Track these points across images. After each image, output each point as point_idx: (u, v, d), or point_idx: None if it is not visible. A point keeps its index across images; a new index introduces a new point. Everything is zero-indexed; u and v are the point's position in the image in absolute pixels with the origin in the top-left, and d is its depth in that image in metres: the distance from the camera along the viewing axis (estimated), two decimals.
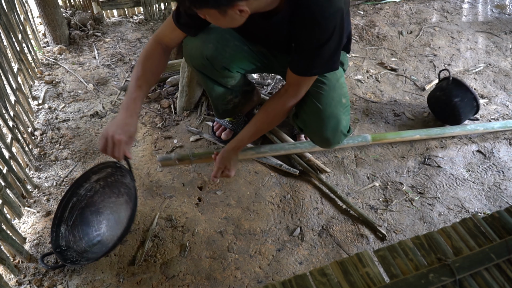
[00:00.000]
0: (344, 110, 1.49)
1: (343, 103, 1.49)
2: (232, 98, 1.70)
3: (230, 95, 1.68)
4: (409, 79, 2.38)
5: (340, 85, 1.50)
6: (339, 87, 1.49)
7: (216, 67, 1.47)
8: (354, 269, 0.85)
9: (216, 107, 1.77)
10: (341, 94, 1.49)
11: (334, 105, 1.45)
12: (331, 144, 1.55)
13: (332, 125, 1.47)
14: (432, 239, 0.90)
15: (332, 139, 1.52)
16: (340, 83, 1.51)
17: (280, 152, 1.76)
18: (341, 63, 1.60)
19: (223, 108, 1.74)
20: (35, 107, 2.01)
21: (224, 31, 1.46)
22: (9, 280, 1.37)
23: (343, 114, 1.49)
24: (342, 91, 1.50)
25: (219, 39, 1.43)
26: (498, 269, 0.86)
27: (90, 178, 1.53)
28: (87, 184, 1.53)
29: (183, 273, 1.43)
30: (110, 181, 1.54)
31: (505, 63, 2.55)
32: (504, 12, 3.10)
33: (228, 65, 1.48)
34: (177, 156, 1.63)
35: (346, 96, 1.52)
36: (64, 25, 2.39)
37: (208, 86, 1.62)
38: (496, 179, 1.83)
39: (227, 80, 1.57)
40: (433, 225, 1.64)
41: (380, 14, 2.94)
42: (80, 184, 1.51)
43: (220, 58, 1.45)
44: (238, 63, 1.51)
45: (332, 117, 1.45)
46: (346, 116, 1.51)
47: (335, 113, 1.45)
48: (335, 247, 1.55)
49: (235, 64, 1.50)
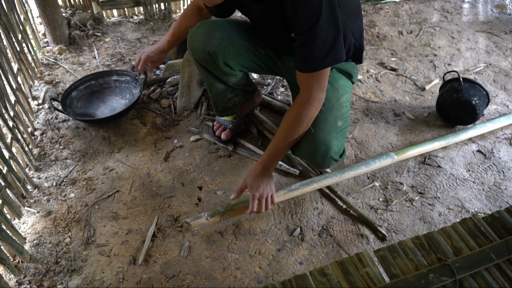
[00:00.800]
0: (337, 135, 1.46)
1: (337, 126, 1.46)
2: (232, 96, 1.69)
3: (231, 93, 1.68)
4: (409, 79, 2.38)
5: (339, 105, 1.47)
6: (337, 108, 1.46)
7: (218, 63, 1.47)
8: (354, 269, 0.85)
9: (215, 104, 1.77)
10: (337, 116, 1.46)
11: (327, 130, 1.43)
12: (322, 167, 1.56)
13: (322, 151, 1.45)
14: (432, 239, 0.90)
15: (321, 164, 1.51)
16: (340, 103, 1.48)
17: (312, 186, 1.65)
18: (349, 75, 1.58)
19: (223, 105, 1.74)
20: (35, 107, 2.01)
21: (232, 29, 1.46)
22: (9, 280, 1.37)
23: (335, 140, 1.46)
24: (340, 112, 1.47)
25: (224, 37, 1.43)
26: (498, 269, 0.86)
27: (111, 75, 2.06)
28: (107, 78, 2.05)
29: (183, 273, 1.43)
30: (123, 86, 2.06)
31: (505, 63, 2.55)
32: (504, 12, 3.10)
33: (230, 62, 1.48)
34: (208, 214, 1.51)
35: (343, 117, 1.48)
36: (64, 25, 2.39)
37: (209, 81, 1.62)
38: (496, 179, 1.83)
39: (229, 77, 1.57)
40: (433, 225, 1.64)
41: (380, 14, 2.94)
42: (102, 75, 2.05)
43: (223, 54, 1.45)
44: (242, 62, 1.51)
45: (322, 143, 1.43)
46: (339, 141, 1.48)
47: (326, 139, 1.43)
48: (335, 247, 1.55)
49: (238, 63, 1.50)
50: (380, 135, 2.01)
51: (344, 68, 1.56)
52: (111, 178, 1.72)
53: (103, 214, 1.59)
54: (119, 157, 1.81)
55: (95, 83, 2.03)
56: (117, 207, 1.62)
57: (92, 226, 1.55)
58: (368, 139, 1.98)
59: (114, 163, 1.78)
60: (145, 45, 2.49)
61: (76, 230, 1.53)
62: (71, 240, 1.50)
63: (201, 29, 1.48)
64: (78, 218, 1.57)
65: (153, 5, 2.64)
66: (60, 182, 1.69)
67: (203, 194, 1.69)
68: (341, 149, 1.52)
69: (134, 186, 1.70)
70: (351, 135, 1.98)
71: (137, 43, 2.50)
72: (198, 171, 1.77)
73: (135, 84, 2.04)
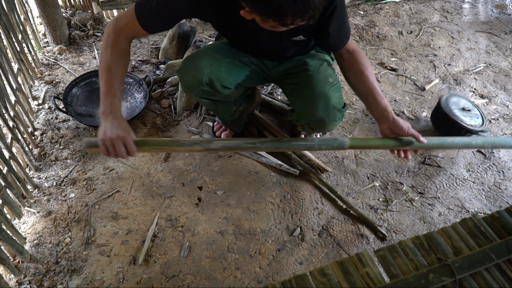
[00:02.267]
0: (332, 88, 1.46)
1: (330, 82, 1.47)
2: (236, 108, 1.70)
3: (234, 106, 1.69)
4: (409, 79, 2.38)
5: (324, 68, 1.49)
6: (323, 69, 1.48)
7: (216, 89, 1.47)
8: (354, 269, 0.85)
9: (224, 121, 1.79)
10: (326, 75, 1.47)
11: (320, 85, 1.44)
12: (327, 123, 1.49)
13: (323, 104, 1.44)
14: (432, 239, 0.90)
15: (326, 118, 1.47)
16: (325, 66, 1.50)
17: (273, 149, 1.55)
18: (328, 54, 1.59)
19: (231, 119, 1.75)
20: (35, 107, 2.01)
21: (213, 51, 1.46)
22: (9, 280, 1.37)
23: (332, 91, 1.46)
24: (327, 72, 1.48)
25: (212, 62, 1.43)
26: (498, 269, 0.86)
27: None
28: None
29: (183, 273, 1.43)
30: (125, 87, 2.02)
31: (505, 63, 2.55)
32: (504, 12, 3.09)
33: (226, 83, 1.47)
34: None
35: (333, 76, 1.50)
36: (64, 25, 2.39)
37: (212, 106, 1.63)
38: (496, 179, 1.83)
39: (229, 95, 1.57)
40: (433, 225, 1.64)
41: (380, 14, 2.93)
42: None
43: (217, 79, 1.44)
44: (235, 79, 1.50)
45: (320, 96, 1.43)
46: (336, 93, 1.48)
47: (323, 92, 1.43)
48: (335, 247, 1.55)
49: (232, 81, 1.50)
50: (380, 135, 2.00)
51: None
52: (111, 178, 1.72)
53: (103, 214, 1.59)
54: None
55: (96, 80, 2.04)
56: (117, 207, 1.62)
57: (92, 226, 1.55)
58: None
59: (114, 163, 1.78)
60: (145, 45, 2.49)
61: (76, 230, 1.53)
62: (71, 240, 1.50)
63: (188, 66, 1.45)
64: (78, 218, 1.57)
65: None
66: (60, 182, 1.69)
67: (203, 194, 1.69)
68: (341, 100, 1.51)
69: (134, 186, 1.70)
70: (351, 135, 1.98)
71: (137, 43, 2.50)
72: (198, 171, 1.77)
73: (138, 88, 2.05)
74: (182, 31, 2.24)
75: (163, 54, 2.33)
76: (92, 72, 2.04)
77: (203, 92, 1.48)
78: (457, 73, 2.44)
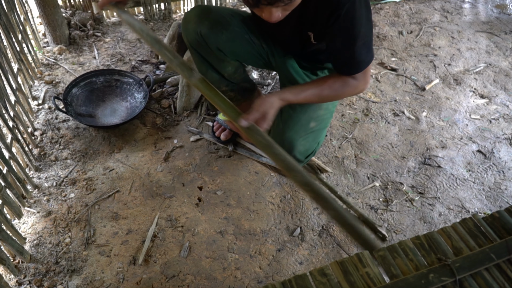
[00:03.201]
0: (306, 135, 1.43)
1: (309, 127, 1.42)
2: (227, 90, 1.63)
3: (225, 86, 1.62)
4: (409, 79, 2.38)
5: (317, 106, 1.43)
6: (314, 109, 1.42)
7: (211, 46, 1.42)
8: (354, 269, 0.84)
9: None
10: (311, 117, 1.42)
11: (296, 129, 1.40)
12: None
13: (286, 149, 1.38)
14: (432, 239, 0.90)
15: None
16: (319, 104, 1.43)
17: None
18: None
19: None
20: (35, 107, 2.01)
21: (228, 14, 1.42)
22: (9, 280, 1.37)
23: (303, 140, 1.42)
24: (315, 113, 1.43)
25: (219, 19, 1.38)
26: (498, 269, 0.86)
27: (113, 74, 2.04)
28: (108, 77, 2.04)
29: (183, 273, 1.43)
30: (125, 87, 2.05)
31: (505, 63, 2.55)
32: (505, 12, 3.09)
33: (222, 47, 1.42)
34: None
35: (319, 119, 1.44)
36: (64, 25, 2.39)
37: (202, 68, 1.54)
38: (497, 179, 1.83)
39: (223, 65, 1.51)
40: (433, 225, 1.64)
41: (380, 14, 2.93)
42: (104, 73, 2.03)
43: (215, 39, 1.39)
44: (235, 49, 1.45)
45: (287, 142, 1.41)
46: (307, 142, 1.44)
47: (292, 138, 1.40)
48: (335, 247, 1.54)
49: (231, 49, 1.44)
50: (380, 135, 2.01)
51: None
52: (111, 178, 1.72)
53: (103, 214, 1.59)
54: (119, 157, 1.81)
55: (95, 80, 2.04)
56: (117, 207, 1.62)
57: (92, 226, 1.55)
58: (368, 139, 1.98)
59: (114, 163, 1.78)
60: (145, 45, 2.48)
61: (76, 230, 1.53)
62: (71, 240, 1.50)
63: (195, 11, 1.42)
64: (78, 218, 1.57)
65: (153, 5, 2.64)
66: (60, 182, 1.69)
67: (203, 194, 1.69)
68: (309, 150, 1.48)
69: (134, 186, 1.70)
70: (351, 135, 1.98)
71: (137, 43, 2.50)
72: (198, 171, 1.77)
73: (138, 88, 2.04)
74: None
75: None
76: (92, 72, 2.04)
77: (196, 42, 1.43)
78: (457, 73, 2.44)
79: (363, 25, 1.15)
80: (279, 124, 1.46)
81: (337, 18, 1.13)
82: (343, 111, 2.11)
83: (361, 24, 1.15)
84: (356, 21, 1.14)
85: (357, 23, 1.14)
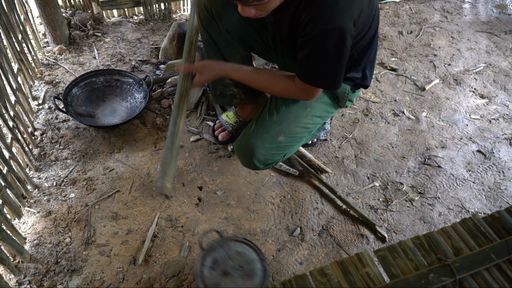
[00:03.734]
0: (270, 147, 1.40)
1: (277, 140, 1.40)
2: (230, 83, 1.63)
3: (230, 80, 1.61)
4: (409, 79, 2.38)
5: (295, 122, 1.41)
6: (290, 124, 1.41)
7: (220, 26, 1.44)
8: (354, 269, 0.85)
9: (214, 85, 1.69)
10: (283, 131, 1.40)
11: (262, 137, 1.39)
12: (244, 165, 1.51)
13: (246, 154, 1.42)
14: (432, 239, 0.90)
15: (243, 162, 1.49)
16: (298, 121, 1.42)
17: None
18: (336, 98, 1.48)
19: (221, 90, 1.67)
20: (35, 107, 2.01)
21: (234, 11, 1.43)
22: (9, 280, 1.37)
23: (265, 150, 1.40)
24: (290, 129, 1.41)
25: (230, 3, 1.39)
26: (498, 269, 0.86)
27: (113, 74, 2.05)
28: (108, 77, 2.04)
29: (183, 273, 1.43)
30: (125, 87, 2.06)
31: (505, 63, 2.55)
32: (505, 12, 3.09)
33: (232, 30, 1.46)
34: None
35: (291, 135, 1.42)
36: (64, 25, 2.39)
37: (209, 51, 1.56)
38: (496, 179, 1.83)
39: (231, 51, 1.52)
40: (433, 225, 1.64)
41: (380, 14, 2.93)
42: (104, 73, 2.04)
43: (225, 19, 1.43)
44: (243, 34, 1.48)
45: (249, 148, 1.40)
46: (269, 153, 1.42)
47: (254, 146, 1.39)
48: (335, 247, 1.55)
49: (239, 34, 1.47)
50: (380, 135, 2.01)
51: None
52: (111, 178, 1.72)
53: (103, 214, 1.59)
54: (119, 157, 1.81)
55: (95, 80, 2.03)
56: (117, 207, 1.62)
57: (92, 226, 1.55)
58: (368, 139, 1.98)
59: (114, 163, 1.78)
60: (145, 45, 2.49)
61: (76, 230, 1.53)
62: (71, 240, 1.50)
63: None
64: (78, 218, 1.57)
65: (153, 5, 2.64)
66: (60, 182, 1.69)
67: (203, 194, 1.69)
68: (269, 160, 1.45)
69: (134, 186, 1.70)
70: (351, 135, 1.98)
71: (137, 43, 2.50)
72: (198, 171, 1.77)
73: (138, 88, 2.04)
74: (182, 31, 2.24)
75: (163, 54, 2.33)
76: (92, 72, 2.04)
77: (207, 20, 1.47)
78: (457, 73, 2.44)
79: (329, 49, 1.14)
80: (250, 124, 1.45)
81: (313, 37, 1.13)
82: (343, 111, 2.11)
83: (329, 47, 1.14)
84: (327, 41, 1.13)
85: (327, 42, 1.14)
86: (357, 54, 1.34)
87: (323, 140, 1.92)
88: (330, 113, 1.52)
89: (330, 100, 1.48)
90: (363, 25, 1.20)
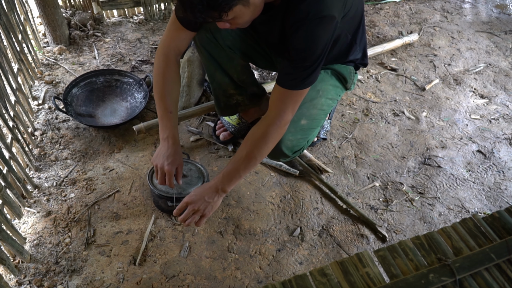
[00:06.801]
0: (296, 131, 1.42)
1: (299, 124, 1.42)
2: (235, 93, 1.64)
3: (234, 90, 1.62)
4: (409, 79, 2.38)
5: (311, 105, 1.44)
6: (307, 107, 1.43)
7: (220, 42, 1.44)
8: (354, 269, 0.85)
9: (217, 99, 1.69)
10: (303, 114, 1.42)
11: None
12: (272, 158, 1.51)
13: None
14: (432, 239, 0.90)
15: (270, 155, 1.44)
16: (314, 103, 1.44)
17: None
18: (344, 79, 1.53)
19: (225, 102, 1.68)
20: (35, 107, 2.01)
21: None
22: (9, 280, 1.37)
23: (291, 135, 1.41)
24: (308, 111, 1.43)
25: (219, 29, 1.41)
26: (498, 269, 0.86)
27: (113, 74, 2.06)
28: (108, 77, 2.05)
29: (183, 273, 1.43)
30: (125, 87, 2.06)
31: (505, 63, 2.55)
32: (505, 12, 3.09)
33: (232, 45, 1.46)
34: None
35: (311, 118, 1.44)
36: (64, 25, 2.39)
37: (210, 68, 1.55)
38: (496, 179, 1.83)
39: (232, 64, 1.52)
40: (433, 225, 1.64)
41: (380, 14, 2.93)
42: (104, 73, 2.05)
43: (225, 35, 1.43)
44: (242, 47, 1.48)
45: None
46: (295, 138, 1.43)
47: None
48: (335, 247, 1.55)
49: (238, 47, 1.47)
50: (380, 135, 2.01)
51: (340, 70, 1.52)
52: (111, 178, 1.72)
53: (103, 214, 1.59)
54: (119, 157, 1.81)
55: (95, 80, 2.04)
56: (117, 207, 1.62)
57: (92, 226, 1.55)
58: (368, 139, 1.98)
59: (114, 163, 1.78)
60: (145, 45, 2.49)
61: (76, 230, 1.53)
62: (71, 240, 1.50)
63: None
64: (78, 218, 1.57)
65: (153, 5, 2.64)
66: (60, 182, 1.69)
67: None
68: (297, 146, 1.47)
69: (134, 186, 1.70)
70: (351, 135, 1.98)
71: (137, 43, 2.50)
72: None
73: (138, 88, 2.04)
74: None
75: None
76: (92, 72, 2.04)
77: (206, 39, 1.45)
78: (457, 73, 2.44)
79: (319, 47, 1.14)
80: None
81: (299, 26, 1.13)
82: (343, 111, 2.11)
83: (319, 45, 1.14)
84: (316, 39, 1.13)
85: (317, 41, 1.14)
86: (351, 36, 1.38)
87: (323, 139, 1.92)
88: (338, 96, 1.57)
89: (337, 83, 1.53)
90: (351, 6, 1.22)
